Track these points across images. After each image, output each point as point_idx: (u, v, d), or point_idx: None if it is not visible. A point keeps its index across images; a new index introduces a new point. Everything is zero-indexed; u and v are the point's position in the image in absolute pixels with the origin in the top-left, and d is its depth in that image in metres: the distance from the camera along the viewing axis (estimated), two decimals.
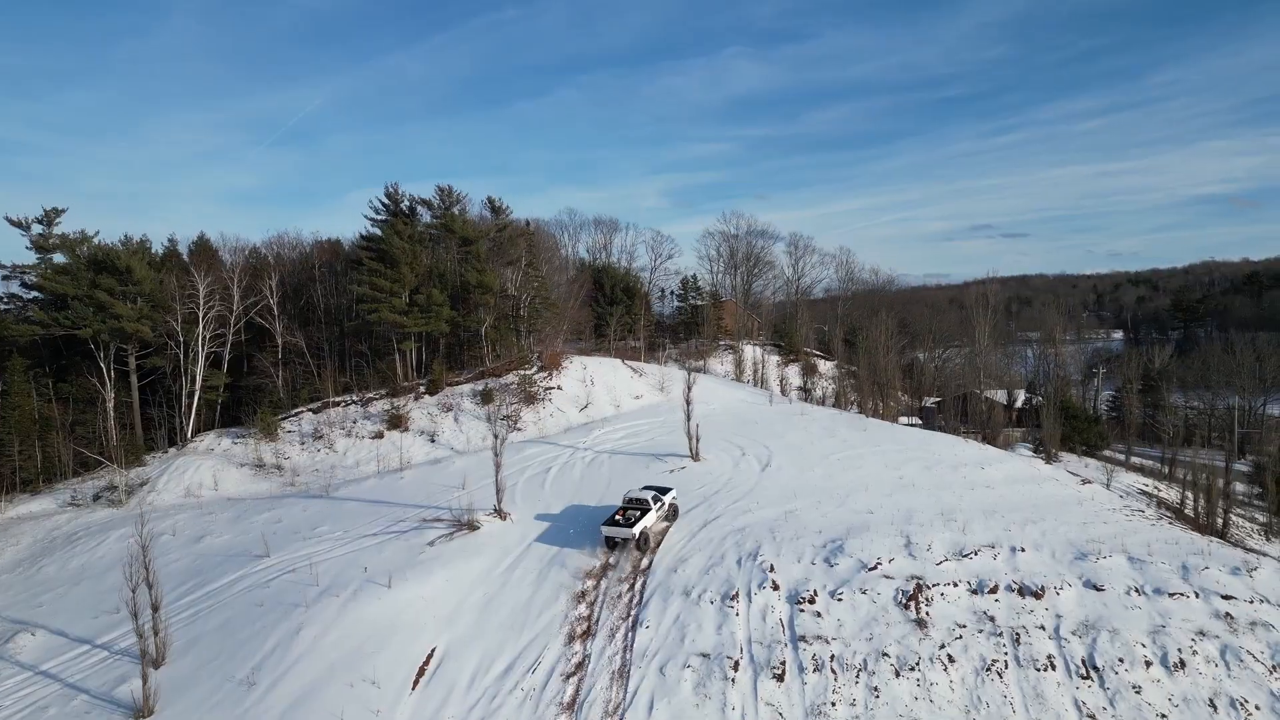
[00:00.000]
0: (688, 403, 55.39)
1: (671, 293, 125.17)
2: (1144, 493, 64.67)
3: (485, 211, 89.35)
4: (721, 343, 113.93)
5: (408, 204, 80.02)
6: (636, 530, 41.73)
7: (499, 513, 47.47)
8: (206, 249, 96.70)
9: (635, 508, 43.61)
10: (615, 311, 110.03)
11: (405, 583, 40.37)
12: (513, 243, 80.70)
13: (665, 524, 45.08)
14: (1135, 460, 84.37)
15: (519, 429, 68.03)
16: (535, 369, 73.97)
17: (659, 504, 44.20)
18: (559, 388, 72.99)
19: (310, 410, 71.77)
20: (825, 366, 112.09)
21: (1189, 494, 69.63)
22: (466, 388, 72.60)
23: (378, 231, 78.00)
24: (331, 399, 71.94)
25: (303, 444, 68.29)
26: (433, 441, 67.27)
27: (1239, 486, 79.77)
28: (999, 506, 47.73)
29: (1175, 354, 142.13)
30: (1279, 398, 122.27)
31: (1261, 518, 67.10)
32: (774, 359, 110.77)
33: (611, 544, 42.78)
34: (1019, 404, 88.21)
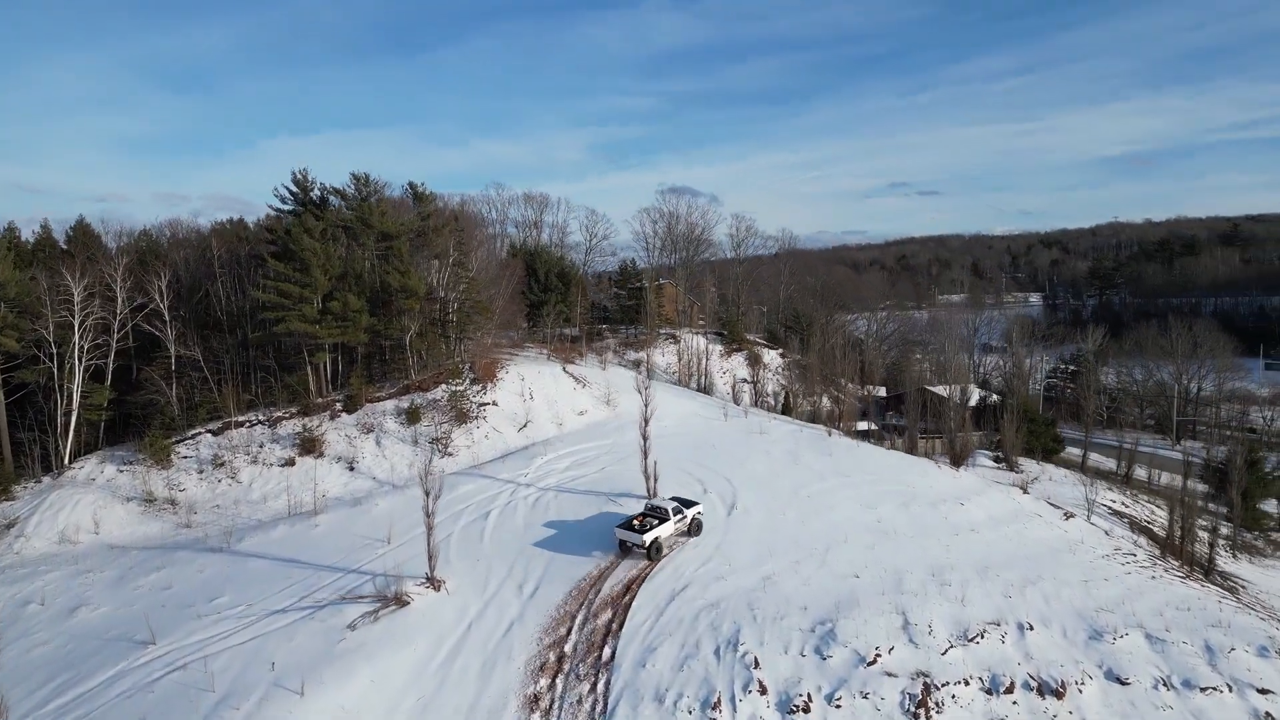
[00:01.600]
0: (644, 438, 49.31)
1: (610, 279, 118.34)
2: (1114, 512, 61.79)
3: (407, 196, 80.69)
4: (662, 331, 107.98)
5: (319, 193, 71.03)
6: (648, 539, 41.91)
7: (431, 581, 40.81)
8: (86, 235, 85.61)
9: (654, 515, 43.91)
10: (550, 300, 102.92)
11: (322, 686, 33.52)
12: (439, 234, 72.58)
13: (682, 537, 44.89)
14: (1092, 460, 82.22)
15: (450, 453, 61.02)
16: (467, 381, 66.74)
17: (679, 516, 44.28)
18: (494, 403, 65.99)
19: (209, 432, 63.19)
20: (770, 356, 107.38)
21: (1160, 508, 67.47)
22: (389, 404, 64.99)
23: (285, 208, 69.10)
24: (234, 418, 63.46)
25: (201, 472, 60.00)
26: (351, 470, 59.79)
27: (1198, 486, 78.29)
28: (990, 559, 43.43)
29: (1108, 335, 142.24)
30: (1215, 378, 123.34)
31: (1224, 529, 65.20)
32: (717, 349, 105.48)
33: (624, 548, 43.02)
34: (973, 402, 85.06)
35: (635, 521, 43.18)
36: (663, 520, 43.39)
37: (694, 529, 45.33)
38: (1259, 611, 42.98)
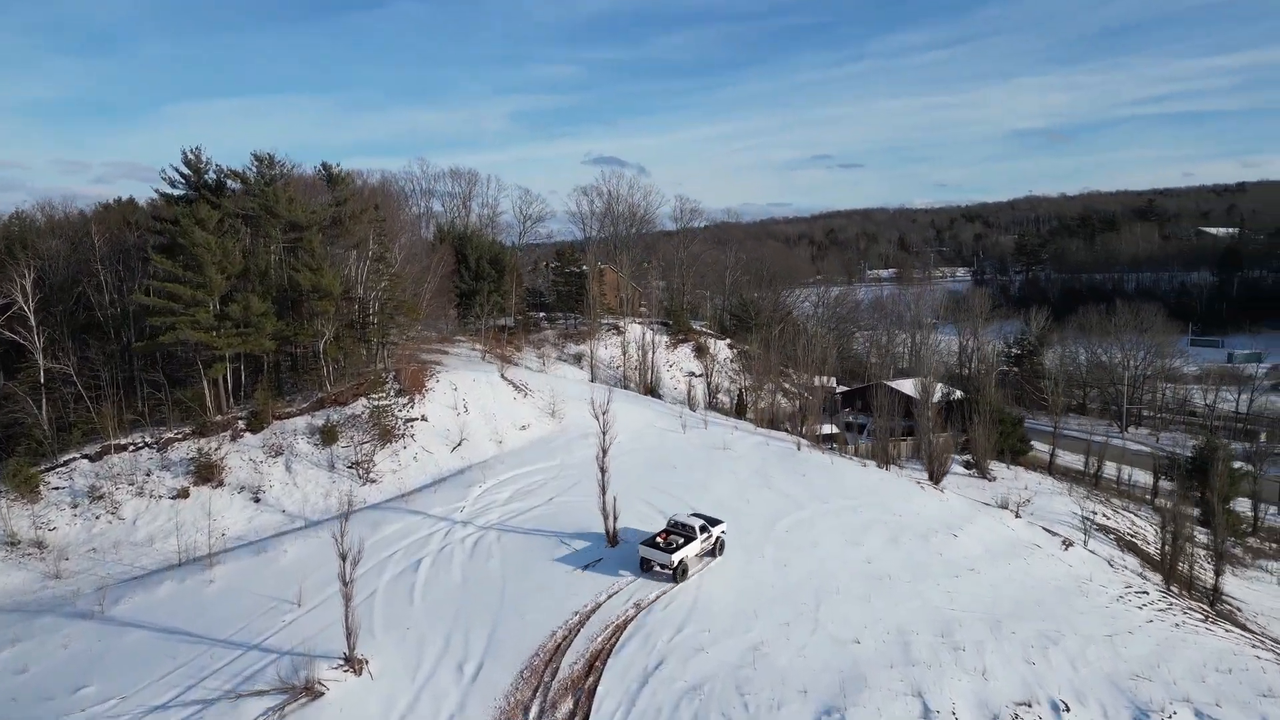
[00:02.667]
0: (601, 470, 42.49)
1: (547, 264, 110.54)
2: (1100, 527, 57.85)
3: (321, 178, 71.35)
4: (605, 321, 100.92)
5: (214, 175, 61.54)
6: (676, 559, 39.09)
7: (351, 663, 33.51)
8: None
9: (679, 533, 40.96)
10: (482, 289, 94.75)
11: None
12: (356, 222, 63.83)
13: (707, 557, 41.87)
14: (1060, 459, 78.88)
15: (373, 479, 53.24)
16: (391, 393, 58.81)
17: (705, 535, 41.34)
18: (423, 418, 58.25)
19: (86, 457, 53.86)
20: (718, 347, 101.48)
21: (1140, 517, 64.04)
22: (301, 421, 56.63)
23: (175, 193, 59.66)
24: (116, 441, 54.27)
25: (75, 507, 50.88)
26: (257, 501, 51.52)
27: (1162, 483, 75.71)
28: (999, 607, 38.32)
29: (1051, 318, 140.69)
30: (1161, 361, 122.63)
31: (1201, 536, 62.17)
32: (663, 339, 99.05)
33: (646, 566, 40.27)
34: (936, 398, 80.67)
35: (660, 539, 40.51)
36: (689, 539, 40.47)
37: (718, 549, 42.27)
38: None
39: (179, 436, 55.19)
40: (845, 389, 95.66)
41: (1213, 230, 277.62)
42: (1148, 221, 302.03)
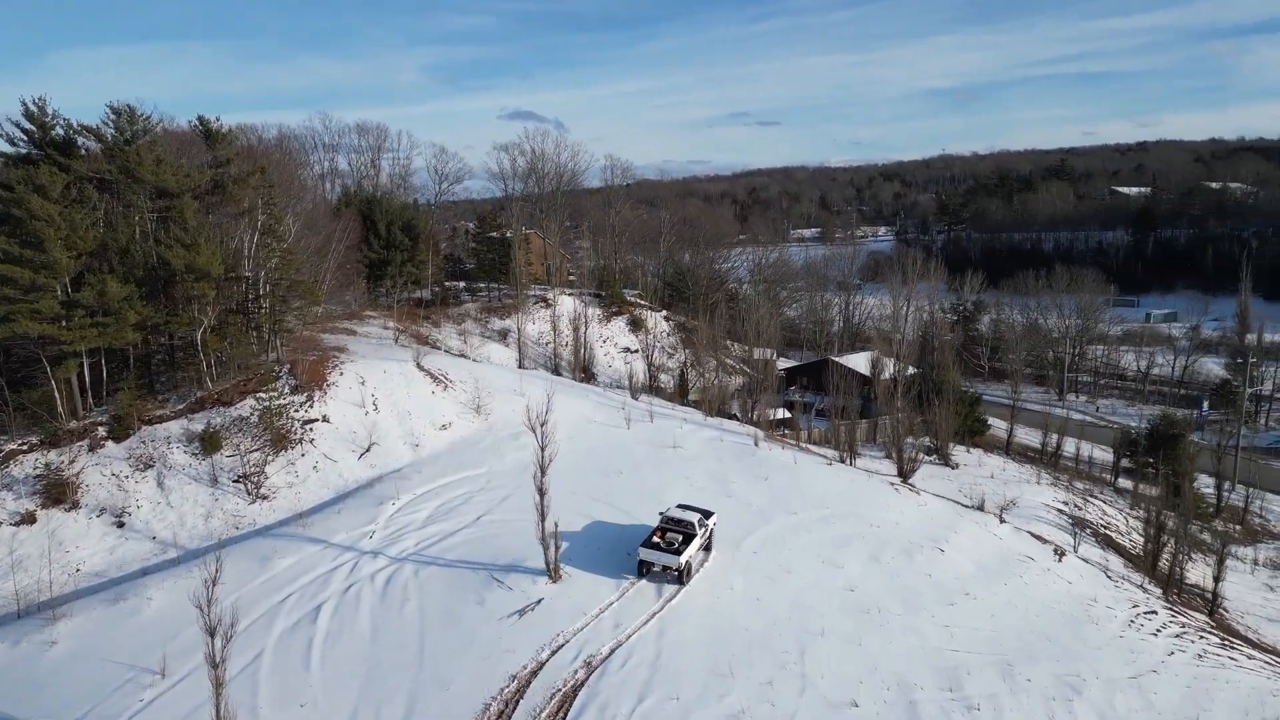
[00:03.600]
0: (540, 492, 35.46)
1: (467, 231, 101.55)
2: (1074, 520, 53.83)
3: (198, 134, 61.12)
4: (532, 293, 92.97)
5: (61, 132, 51.22)
6: (683, 560, 35.56)
7: None
8: None
9: (677, 530, 37.20)
10: (395, 259, 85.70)
11: None
12: (242, 187, 54.35)
13: (703, 553, 38.53)
14: (1018, 437, 75.31)
15: (264, 496, 45.05)
16: (285, 389, 50.37)
17: (704, 530, 37.99)
18: (324, 419, 50.02)
19: None
20: (654, 320, 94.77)
21: (1108, 503, 60.50)
22: (176, 426, 47.76)
23: (16, 151, 49.27)
24: None
25: None
26: (121, 526, 42.89)
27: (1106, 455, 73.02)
28: (1004, 644, 33.23)
29: (986, 282, 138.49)
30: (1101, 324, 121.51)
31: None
32: (595, 312, 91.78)
33: (644, 569, 36.52)
34: (887, 375, 76.06)
35: (658, 539, 36.90)
36: (689, 536, 36.88)
37: (710, 543, 39.08)
38: None
39: (23, 448, 45.80)
40: (791, 364, 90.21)
41: (1125, 190, 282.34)
42: (1061, 180, 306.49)
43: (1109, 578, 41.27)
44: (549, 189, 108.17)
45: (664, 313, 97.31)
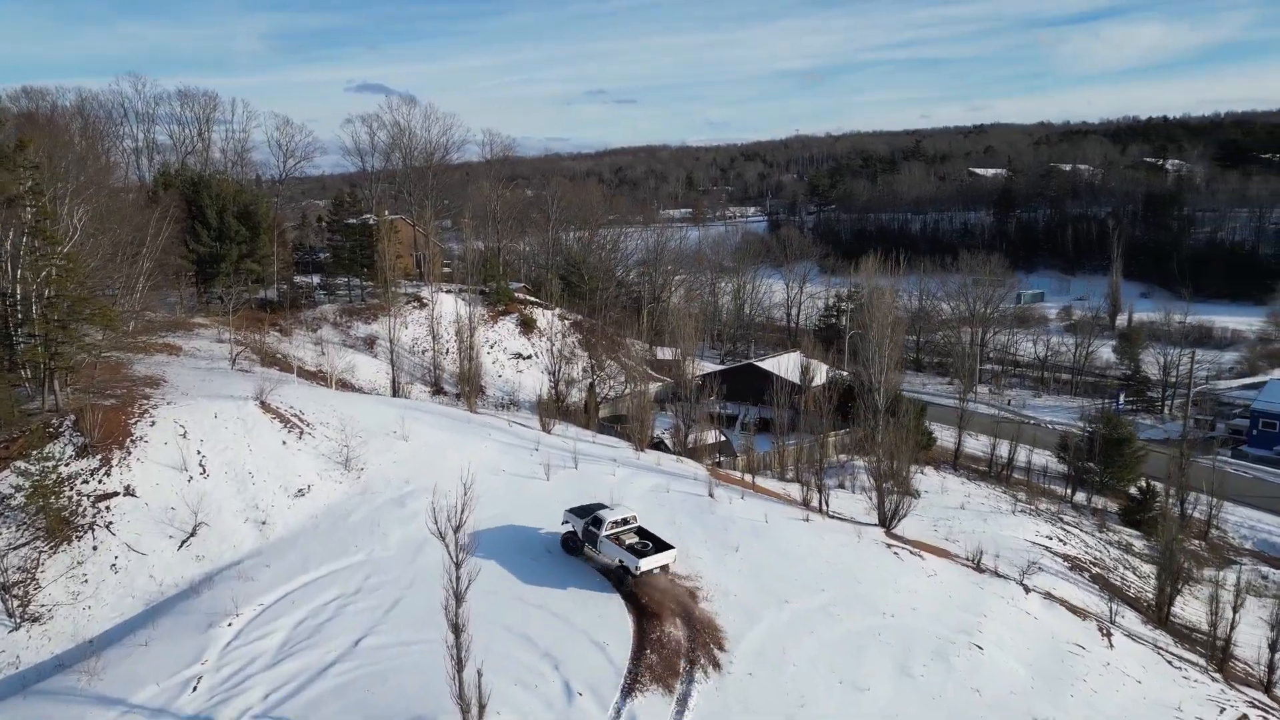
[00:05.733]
0: (455, 630, 23.70)
1: (320, 218, 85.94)
2: (1063, 557, 46.64)
3: None
4: (403, 290, 79.08)
5: None
6: (646, 565, 31.95)
7: None
8: None
9: (627, 528, 34.36)
10: (230, 253, 69.98)
11: None
12: (6, 166, 38.70)
13: None
14: (968, 449, 68.68)
15: (34, 618, 30.94)
16: (68, 451, 35.90)
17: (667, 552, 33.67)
18: (127, 491, 35.85)
19: None
20: (545, 319, 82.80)
21: (1085, 533, 53.98)
22: None
23: None
24: None
25: None
26: None
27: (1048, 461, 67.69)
28: None
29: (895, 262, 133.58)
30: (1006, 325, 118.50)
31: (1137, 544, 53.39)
32: (479, 311, 78.92)
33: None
34: (819, 381, 67.67)
35: (618, 534, 33.78)
36: (659, 547, 33.76)
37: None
38: None
39: None
40: (710, 369, 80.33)
41: (982, 171, 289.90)
42: (918, 161, 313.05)
43: (1170, 664, 33.71)
44: (418, 165, 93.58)
45: (557, 310, 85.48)
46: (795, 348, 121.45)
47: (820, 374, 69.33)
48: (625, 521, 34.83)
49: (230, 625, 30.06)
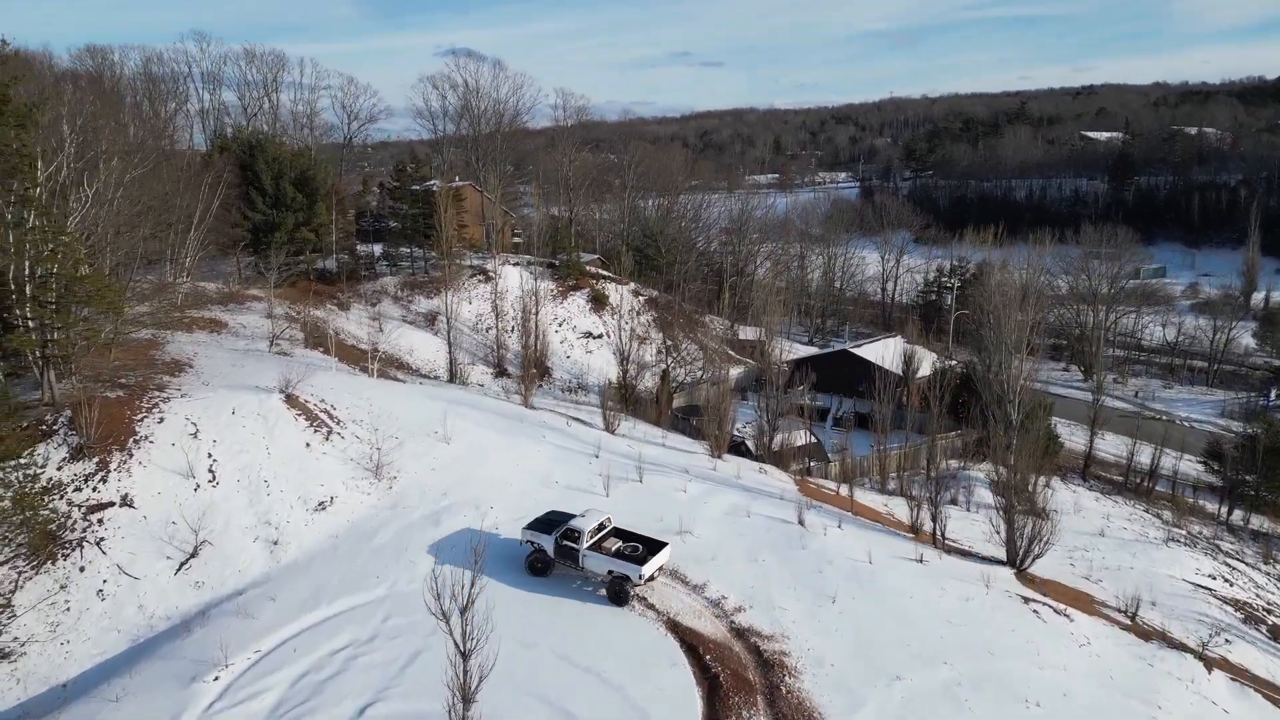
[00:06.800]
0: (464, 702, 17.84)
1: (382, 183, 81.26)
2: (1236, 604, 38.07)
3: None
4: (468, 263, 73.87)
5: None
6: (648, 571, 28.63)
7: None
8: None
9: (604, 533, 30.61)
10: (286, 221, 65.73)
11: None
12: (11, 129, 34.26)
13: None
14: (1069, 438, 59.78)
15: (6, 656, 26.52)
16: (63, 453, 31.44)
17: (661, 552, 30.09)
18: (124, 502, 31.19)
19: None
20: (619, 294, 76.42)
21: (1250, 566, 44.97)
22: None
23: None
24: None
25: None
26: None
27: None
28: None
29: (1002, 232, 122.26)
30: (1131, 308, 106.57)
31: None
32: (547, 286, 73.19)
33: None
34: (924, 371, 59.64)
35: (599, 544, 29.86)
36: (652, 549, 29.88)
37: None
38: None
39: None
40: (801, 355, 72.54)
41: (1095, 135, 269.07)
42: (1024, 124, 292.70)
43: None
44: (488, 130, 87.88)
45: (631, 285, 79.00)
46: (891, 326, 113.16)
47: (926, 363, 61.13)
48: (602, 526, 30.73)
49: (217, 679, 24.94)
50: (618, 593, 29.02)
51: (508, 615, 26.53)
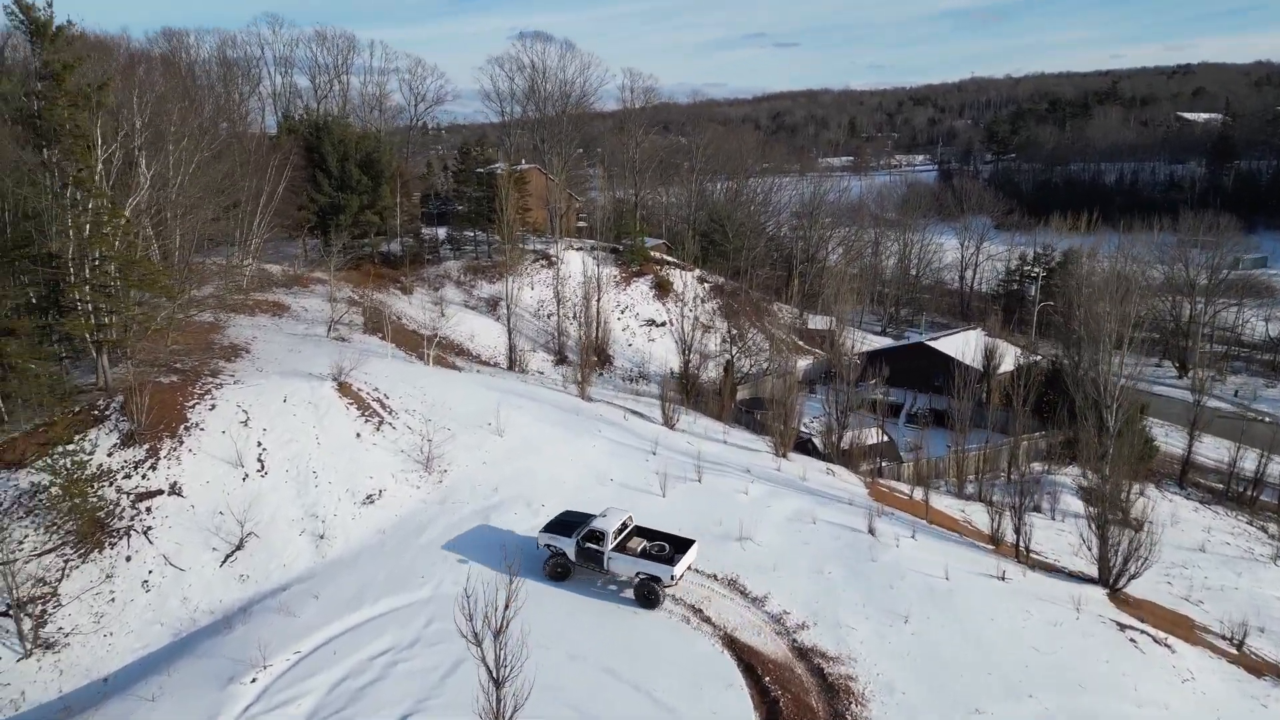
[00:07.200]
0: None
1: (446, 165, 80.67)
2: None
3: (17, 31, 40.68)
4: (531, 247, 72.77)
5: None
6: (680, 570, 27.45)
7: None
8: None
9: (627, 532, 29.09)
10: (351, 204, 65.49)
11: None
12: (71, 107, 34.12)
13: None
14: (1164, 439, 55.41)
15: (48, 644, 26.23)
16: (114, 438, 31.11)
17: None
18: (173, 490, 30.73)
19: None
20: (683, 281, 74.33)
21: None
22: None
23: None
24: None
25: None
26: None
27: None
28: None
29: (1097, 218, 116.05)
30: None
31: None
32: (610, 271, 71.60)
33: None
34: (1007, 366, 56.15)
35: (623, 545, 28.37)
36: (679, 548, 28.42)
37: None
38: None
39: None
40: (875, 347, 69.33)
41: (1192, 116, 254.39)
42: (1114, 105, 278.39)
43: None
44: (554, 112, 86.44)
45: (697, 272, 76.81)
46: (969, 316, 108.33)
47: (1008, 358, 57.57)
48: (624, 526, 29.37)
49: (254, 681, 24.10)
50: (648, 595, 27.60)
51: (549, 622, 25.11)
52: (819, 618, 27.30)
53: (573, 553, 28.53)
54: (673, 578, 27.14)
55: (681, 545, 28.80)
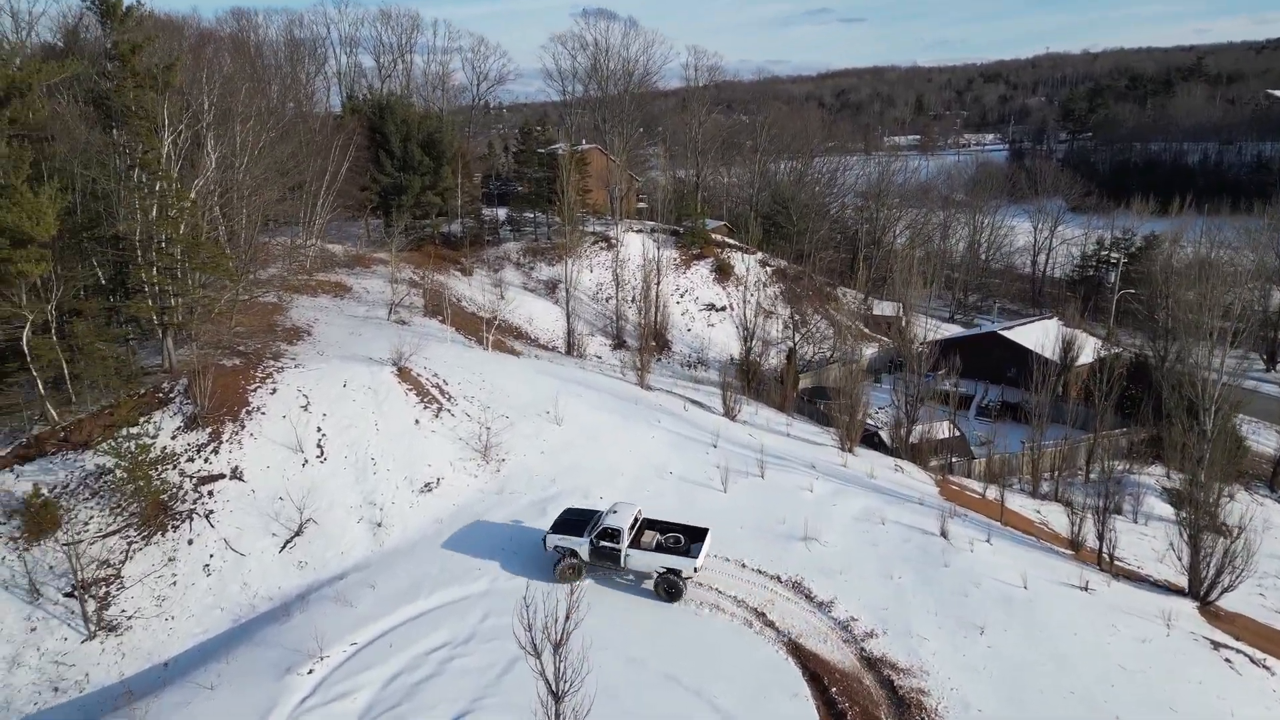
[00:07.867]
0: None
1: (507, 146, 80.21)
2: None
3: (89, 10, 41.04)
4: (590, 229, 71.99)
5: None
6: (699, 562, 26.97)
7: None
8: None
9: (637, 525, 28.29)
10: (413, 184, 65.44)
11: None
12: (136, 89, 34.24)
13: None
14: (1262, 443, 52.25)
15: (111, 626, 26.49)
16: (178, 422, 31.27)
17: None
18: (234, 474, 30.80)
19: None
20: (745, 264, 72.72)
21: None
22: None
23: None
24: None
25: None
26: None
27: None
28: None
29: (1188, 202, 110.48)
30: None
31: None
32: (670, 254, 70.44)
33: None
34: (1086, 359, 53.58)
35: (637, 540, 27.78)
36: (695, 538, 28.01)
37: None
38: None
39: None
40: (947, 336, 66.89)
41: None
42: (1198, 82, 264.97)
43: None
44: (616, 91, 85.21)
45: (759, 255, 75.11)
46: (1041, 302, 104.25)
47: (1087, 349, 54.91)
48: (636, 520, 28.57)
49: (311, 672, 23.89)
50: (670, 588, 26.98)
51: (606, 622, 24.37)
52: (889, 626, 26.06)
53: (586, 553, 27.68)
54: (695, 570, 26.68)
55: (695, 534, 28.38)
